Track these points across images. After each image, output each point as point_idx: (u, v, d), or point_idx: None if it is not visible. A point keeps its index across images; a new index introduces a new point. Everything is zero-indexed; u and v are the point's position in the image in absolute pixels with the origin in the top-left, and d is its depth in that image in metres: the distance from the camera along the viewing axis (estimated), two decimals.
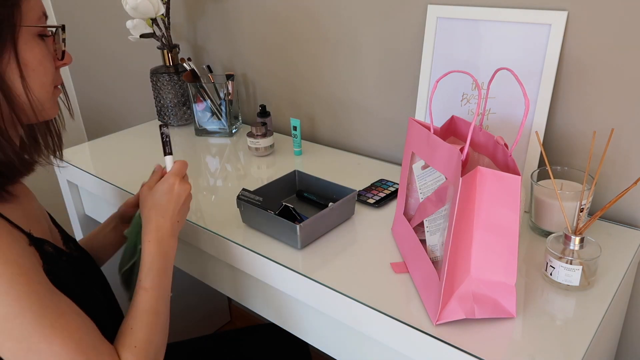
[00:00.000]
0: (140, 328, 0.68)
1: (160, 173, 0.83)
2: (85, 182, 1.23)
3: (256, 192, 0.96)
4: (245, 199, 0.92)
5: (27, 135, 0.74)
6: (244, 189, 0.93)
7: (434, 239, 0.76)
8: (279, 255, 0.85)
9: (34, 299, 0.59)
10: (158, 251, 0.75)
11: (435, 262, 0.74)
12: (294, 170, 1.04)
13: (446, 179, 0.71)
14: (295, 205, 0.96)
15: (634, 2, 0.81)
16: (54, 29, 0.69)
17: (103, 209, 1.28)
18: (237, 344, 1.13)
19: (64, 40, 0.71)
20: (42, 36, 0.66)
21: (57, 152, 0.80)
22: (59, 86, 0.73)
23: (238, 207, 0.93)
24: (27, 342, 0.58)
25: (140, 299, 0.71)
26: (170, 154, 0.84)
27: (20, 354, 0.59)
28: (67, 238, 0.83)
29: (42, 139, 0.77)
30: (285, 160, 1.23)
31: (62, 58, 0.70)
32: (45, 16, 0.68)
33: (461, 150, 0.67)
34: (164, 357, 0.86)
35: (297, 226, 0.83)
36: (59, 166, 0.79)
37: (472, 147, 0.80)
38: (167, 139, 0.84)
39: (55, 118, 0.77)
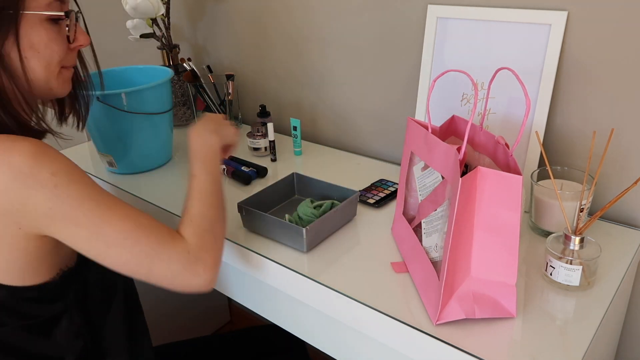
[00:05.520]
0: (193, 205, 0.77)
1: None
2: None
3: (255, 196, 0.95)
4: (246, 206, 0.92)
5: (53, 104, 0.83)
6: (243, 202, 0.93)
7: (430, 240, 0.76)
8: (284, 258, 0.85)
9: (92, 189, 0.68)
10: (199, 142, 0.83)
11: (434, 263, 0.74)
12: (292, 173, 1.03)
13: (444, 177, 0.71)
14: (293, 208, 0.96)
15: (634, 2, 0.81)
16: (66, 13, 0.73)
17: None
18: (234, 345, 1.14)
19: (83, 21, 0.77)
20: (54, 20, 0.70)
21: (80, 124, 0.88)
22: (71, 67, 0.77)
23: (239, 212, 0.93)
24: (93, 225, 0.67)
25: (190, 184, 0.79)
26: None
27: (90, 238, 0.67)
28: None
29: (69, 107, 0.85)
30: (286, 160, 1.22)
31: (71, 42, 0.74)
32: (61, 0, 0.71)
33: (458, 149, 0.67)
34: (165, 357, 0.87)
35: (304, 229, 0.83)
36: (63, 138, 0.85)
37: (473, 146, 0.80)
38: None
39: (83, 94, 0.86)
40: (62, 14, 0.71)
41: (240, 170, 1.13)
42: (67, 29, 0.73)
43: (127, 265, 0.69)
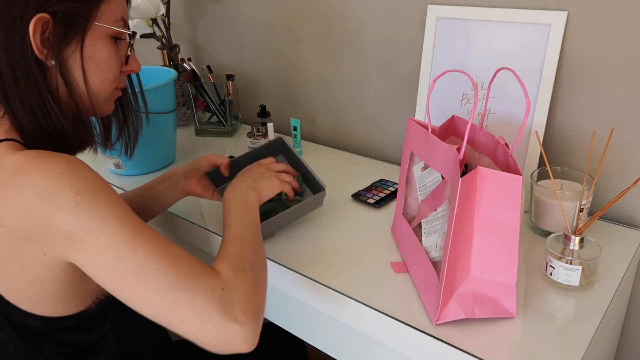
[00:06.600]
0: (227, 247, 0.68)
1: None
2: None
3: (239, 158, 0.91)
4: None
5: (103, 123, 0.81)
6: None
7: (430, 240, 0.76)
8: (282, 257, 0.85)
9: (118, 211, 0.60)
10: (231, 195, 0.78)
11: (434, 263, 0.74)
12: (279, 137, 0.99)
13: (444, 177, 0.71)
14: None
15: (634, 2, 0.81)
16: (127, 36, 0.72)
17: None
18: None
19: (132, 47, 0.75)
20: (115, 38, 0.70)
21: (129, 150, 0.85)
22: (120, 89, 0.76)
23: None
24: (113, 250, 0.58)
25: (224, 234, 0.72)
26: None
27: (109, 264, 0.58)
28: None
29: (118, 131, 0.83)
30: None
31: (126, 63, 0.74)
32: (124, 22, 0.71)
33: (458, 149, 0.67)
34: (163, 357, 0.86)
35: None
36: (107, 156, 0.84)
37: (473, 146, 0.80)
38: None
39: (134, 119, 0.84)
40: (130, 32, 0.71)
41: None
42: (128, 49, 0.73)
43: (146, 301, 0.59)
